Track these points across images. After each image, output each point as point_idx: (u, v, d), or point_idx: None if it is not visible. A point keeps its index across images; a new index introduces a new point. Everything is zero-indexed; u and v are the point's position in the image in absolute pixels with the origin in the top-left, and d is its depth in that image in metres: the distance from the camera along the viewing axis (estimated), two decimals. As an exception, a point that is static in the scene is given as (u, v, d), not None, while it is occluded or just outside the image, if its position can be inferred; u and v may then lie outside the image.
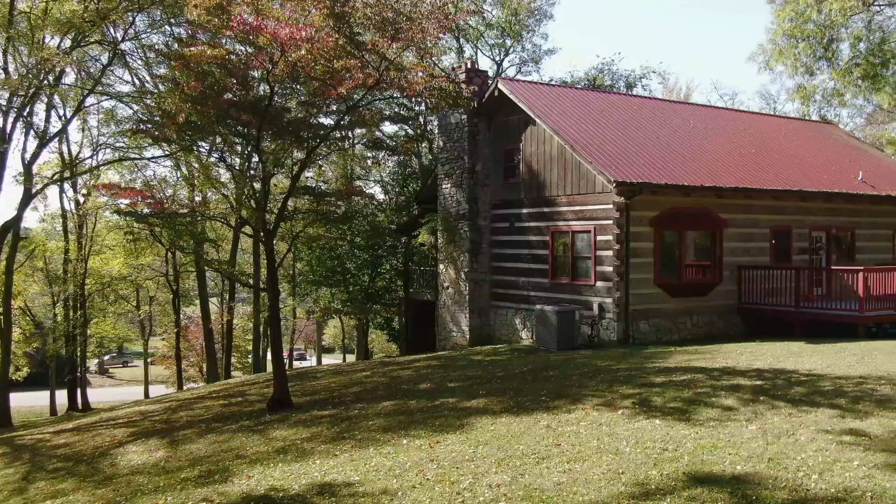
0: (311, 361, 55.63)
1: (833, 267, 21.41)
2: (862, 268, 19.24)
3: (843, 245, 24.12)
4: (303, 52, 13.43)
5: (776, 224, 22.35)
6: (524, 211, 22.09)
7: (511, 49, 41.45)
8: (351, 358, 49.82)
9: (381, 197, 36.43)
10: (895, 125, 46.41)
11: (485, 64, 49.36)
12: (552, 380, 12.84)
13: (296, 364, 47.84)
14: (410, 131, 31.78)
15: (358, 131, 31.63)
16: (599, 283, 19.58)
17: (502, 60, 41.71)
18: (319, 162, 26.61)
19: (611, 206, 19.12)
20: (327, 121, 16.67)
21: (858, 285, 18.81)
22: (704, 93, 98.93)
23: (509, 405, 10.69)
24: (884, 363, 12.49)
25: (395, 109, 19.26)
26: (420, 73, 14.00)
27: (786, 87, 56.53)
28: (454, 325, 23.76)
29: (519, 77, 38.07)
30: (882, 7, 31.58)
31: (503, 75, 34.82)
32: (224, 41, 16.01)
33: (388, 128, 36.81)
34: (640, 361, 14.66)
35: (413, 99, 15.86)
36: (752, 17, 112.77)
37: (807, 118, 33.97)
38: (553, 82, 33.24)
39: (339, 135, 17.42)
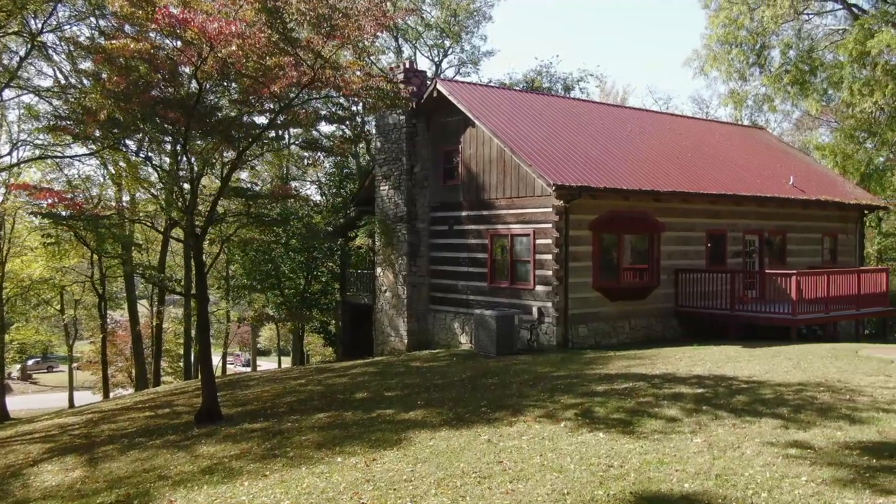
0: (260, 366, 54.10)
1: (767, 271, 21.72)
2: (795, 272, 19.53)
3: (775, 248, 24.55)
4: (233, 47, 12.82)
5: (712, 227, 22.59)
6: (463, 213, 21.79)
7: (450, 50, 41.21)
8: (287, 361, 48.84)
9: (317, 198, 35.74)
10: (821, 131, 47.84)
11: (423, 65, 48.98)
12: (492, 388, 12.53)
13: (242, 370, 46.52)
14: (348, 132, 31.17)
15: (294, 131, 30.91)
16: (539, 287, 19.41)
17: (441, 61, 41.44)
18: (253, 162, 25.83)
19: (550, 209, 18.97)
20: (262, 120, 16.06)
21: (791, 289, 19.08)
22: (640, 97, 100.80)
23: (449, 417, 10.32)
24: (819, 369, 12.57)
25: (332, 109, 18.70)
26: (357, 73, 13.52)
27: (718, 92, 57.69)
28: (392, 329, 23.32)
29: (458, 78, 37.86)
30: (810, 16, 32.39)
31: (442, 76, 34.53)
32: (153, 35, 15.25)
33: (325, 128, 36.16)
34: (579, 368, 14.47)
35: (350, 99, 15.33)
36: (688, 22, 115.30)
37: (739, 123, 34.62)
38: (492, 84, 33.05)
39: (272, 134, 16.76)
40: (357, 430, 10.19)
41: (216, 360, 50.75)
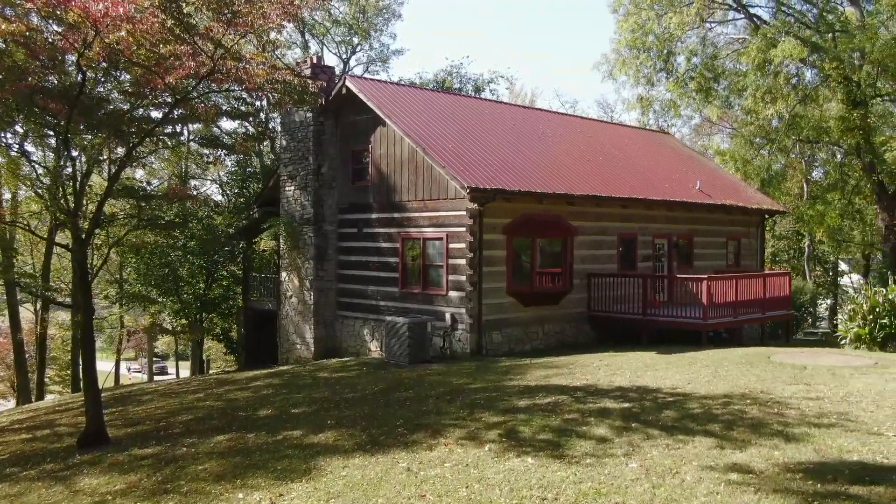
0: (172, 375, 51.12)
1: (679, 275, 21.81)
2: (706, 276, 19.62)
3: (683, 252, 24.79)
4: (122, 33, 11.63)
5: (623, 231, 22.56)
6: (373, 216, 20.96)
7: (358, 47, 40.25)
8: (186, 367, 46.61)
9: (218, 198, 34.09)
10: (717, 138, 49.29)
11: (331, 62, 47.69)
12: (407, 404, 11.78)
13: (156, 378, 43.65)
14: (251, 129, 29.74)
15: (195, 127, 29.26)
16: (452, 293, 18.79)
17: (349, 59, 40.43)
18: (147, 159, 24.18)
19: (464, 212, 18.39)
20: (158, 114, 14.78)
21: (703, 293, 19.14)
22: (547, 100, 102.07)
23: (362, 440, 9.50)
24: (739, 378, 12.40)
25: (234, 104, 17.57)
26: (261, 65, 12.50)
27: (622, 97, 58.90)
28: (298, 336, 22.24)
29: (367, 77, 36.88)
30: (714, 25, 33.08)
31: (350, 74, 33.51)
32: (34, 18, 13.77)
33: (228, 124, 34.54)
34: (497, 378, 13.90)
35: (254, 93, 14.30)
36: (595, 26, 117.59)
37: (647, 127, 35.05)
38: (403, 83, 32.31)
39: (169, 130, 15.49)
40: (261, 458, 9.24)
41: (110, 367, 47.99)
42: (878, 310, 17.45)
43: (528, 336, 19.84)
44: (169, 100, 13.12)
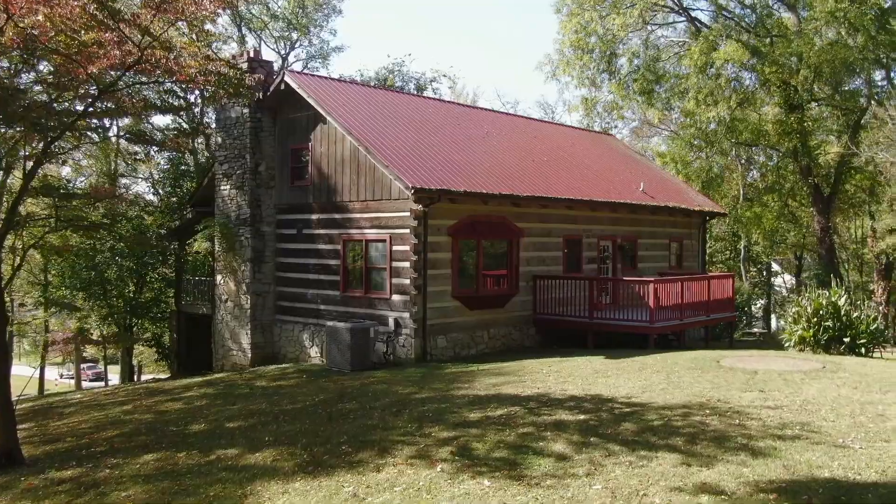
0: (113, 379, 48.17)
1: (626, 278, 21.60)
2: (653, 279, 19.45)
3: (627, 253, 24.66)
4: (39, 17, 10.68)
5: (568, 233, 22.27)
6: (314, 217, 20.18)
7: (297, 43, 39.23)
8: (116, 373, 44.71)
9: (150, 197, 32.69)
10: (655, 140, 49.78)
11: (269, 58, 46.49)
12: (351, 417, 11.12)
13: (90, 385, 41.27)
14: (184, 124, 28.52)
15: (128, 122, 27.89)
16: (396, 297, 18.17)
17: (288, 55, 39.37)
18: (73, 156, 22.86)
19: (408, 213, 17.79)
20: (81, 107, 13.76)
21: (649, 296, 18.95)
22: (489, 100, 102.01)
23: (304, 461, 8.81)
24: (693, 385, 12.12)
25: (165, 98, 16.57)
26: (194, 55, 11.66)
27: (563, 98, 59.02)
28: (234, 342, 21.29)
29: (307, 72, 35.90)
30: (655, 27, 33.22)
31: (290, 69, 32.49)
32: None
33: (163, 120, 33.19)
34: (444, 387, 13.34)
35: (186, 86, 13.42)
36: (538, 26, 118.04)
37: (590, 129, 35.00)
38: (344, 79, 31.48)
39: (94, 124, 14.46)
40: (192, 482, 8.47)
41: (37, 372, 45.68)
42: (821, 312, 17.50)
43: (474, 340, 19.36)
44: (93, 91, 12.16)
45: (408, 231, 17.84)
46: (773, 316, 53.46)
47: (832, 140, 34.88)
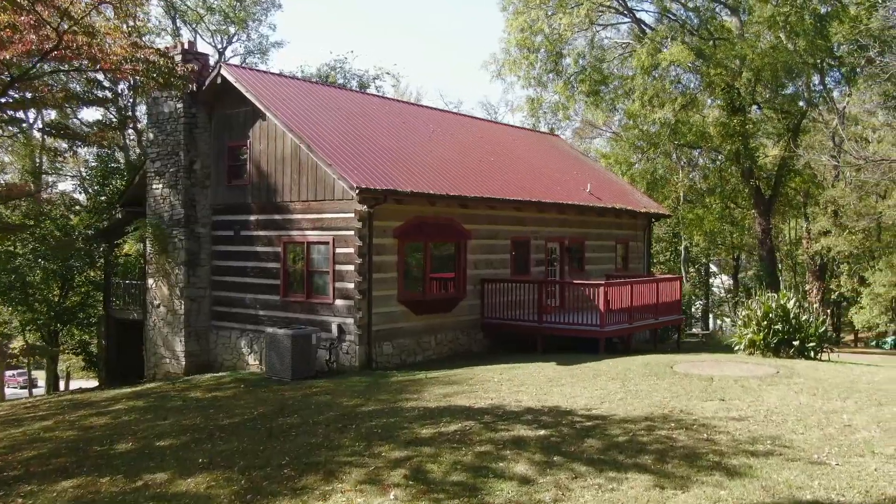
0: (41, 388, 45.34)
1: (575, 281, 21.20)
2: (603, 282, 19.09)
3: (574, 255, 24.34)
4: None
5: (516, 235, 21.80)
6: (252, 218, 19.22)
7: (235, 37, 37.94)
8: (41, 381, 42.57)
9: (79, 196, 31.06)
10: (600, 140, 49.95)
11: (205, 52, 44.98)
12: (293, 434, 10.32)
13: (20, 394, 38.78)
14: (113, 117, 27.06)
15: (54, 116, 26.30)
16: (339, 302, 17.37)
17: (225, 49, 38.09)
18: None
19: (352, 214, 17.02)
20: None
21: (599, 300, 18.57)
22: (431, 99, 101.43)
23: (242, 487, 8.00)
24: (651, 394, 11.69)
25: (91, 89, 15.40)
26: (120, 41, 10.70)
27: (506, 99, 58.80)
28: (167, 349, 20.16)
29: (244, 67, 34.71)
30: (600, 28, 33.08)
31: (227, 62, 31.26)
32: None
33: (95, 114, 31.55)
34: (392, 398, 12.64)
35: (112, 75, 12.40)
36: (480, 19, 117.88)
37: (535, 129, 34.67)
38: (285, 74, 30.44)
39: (6, 115, 13.30)
40: (115, 514, 7.59)
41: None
42: (771, 315, 17.38)
43: (421, 346, 18.69)
44: (6, 78, 11.09)
45: (352, 233, 17.08)
46: (710, 316, 54.33)
47: (772, 143, 35.35)
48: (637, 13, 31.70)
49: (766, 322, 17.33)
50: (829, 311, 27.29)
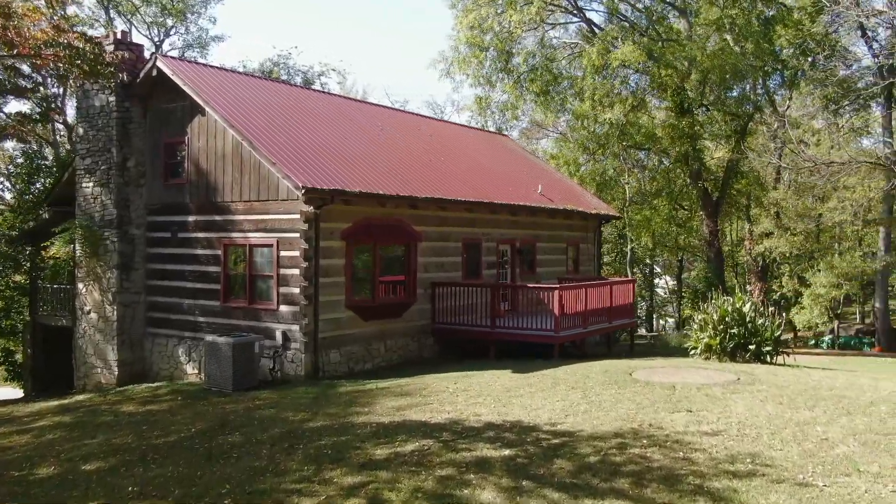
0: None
1: (529, 285, 20.67)
2: (557, 286, 18.60)
3: (526, 258, 23.85)
4: None
5: (468, 237, 21.20)
6: (190, 219, 18.18)
7: (173, 30, 36.46)
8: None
9: (2, 195, 29.34)
10: (547, 141, 49.80)
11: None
12: (235, 456, 9.47)
13: None
14: (37, 109, 25.48)
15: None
16: (284, 308, 16.49)
17: (162, 42, 36.59)
18: None
19: (297, 215, 16.16)
20: None
21: (553, 304, 18.07)
22: (377, 98, 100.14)
23: (177, 522, 7.16)
24: (614, 404, 11.18)
25: (10, 77, 14.18)
26: (41, 25, 9.69)
27: (452, 99, 58.35)
28: (98, 358, 18.96)
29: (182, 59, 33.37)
30: (550, 27, 32.74)
31: (163, 53, 29.94)
32: None
33: (16, 105, 29.77)
34: (342, 411, 11.87)
35: (33, 61, 11.31)
36: (429, 23, 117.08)
37: (485, 129, 34.14)
38: (226, 68, 29.25)
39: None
40: (29, 558, 6.67)
41: None
42: (727, 319, 17.11)
43: (370, 353, 17.92)
44: None
45: (297, 235, 16.22)
46: (654, 317, 54.74)
47: (715, 145, 35.57)
48: (587, 12, 31.53)
49: (722, 326, 17.05)
50: (772, 311, 27.48)
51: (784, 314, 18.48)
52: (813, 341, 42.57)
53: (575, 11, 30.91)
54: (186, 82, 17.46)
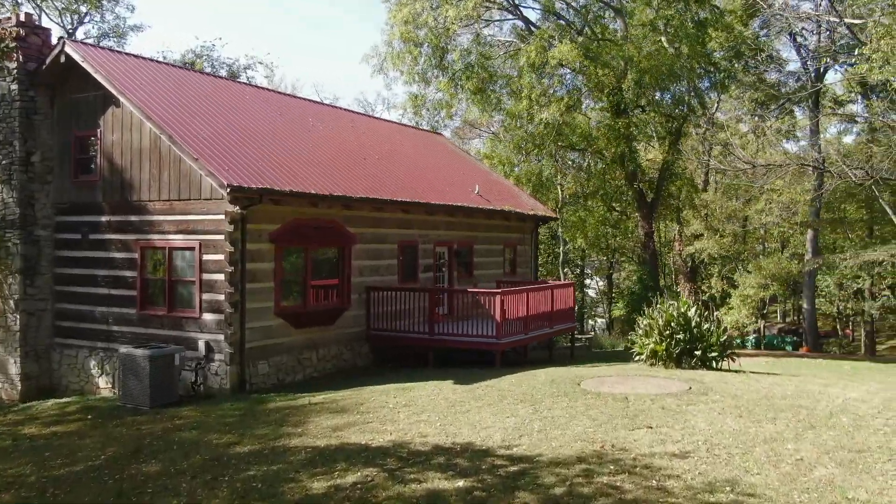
0: None
1: (470, 289, 19.84)
2: (500, 290, 17.84)
3: (463, 260, 23.07)
4: None
5: (404, 239, 20.27)
6: (104, 219, 16.71)
7: (87, 17, 34.33)
8: None
9: None
10: (479, 140, 49.28)
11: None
12: (151, 490, 8.32)
13: None
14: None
15: None
16: (207, 316, 15.23)
17: (75, 30, 34.44)
18: None
19: (222, 216, 14.94)
20: None
21: (496, 309, 17.31)
22: (308, 94, 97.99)
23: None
24: (569, 420, 10.44)
25: None
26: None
27: (384, 96, 57.24)
28: (-1, 372, 17.28)
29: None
30: (484, 24, 32.06)
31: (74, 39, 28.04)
32: None
33: None
34: (272, 432, 10.78)
35: None
36: (359, 18, 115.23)
37: (419, 127, 33.22)
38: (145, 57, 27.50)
39: None
40: None
41: None
42: (672, 324, 16.67)
43: (301, 364, 16.80)
44: None
45: (222, 237, 14.99)
46: (584, 318, 54.87)
47: (645, 146, 35.60)
48: (523, 10, 30.99)
49: (668, 331, 16.59)
50: (717, 316, 27.67)
51: (715, 315, 18.16)
52: (739, 340, 43.27)
53: (511, 8, 30.31)
54: (98, 70, 15.99)
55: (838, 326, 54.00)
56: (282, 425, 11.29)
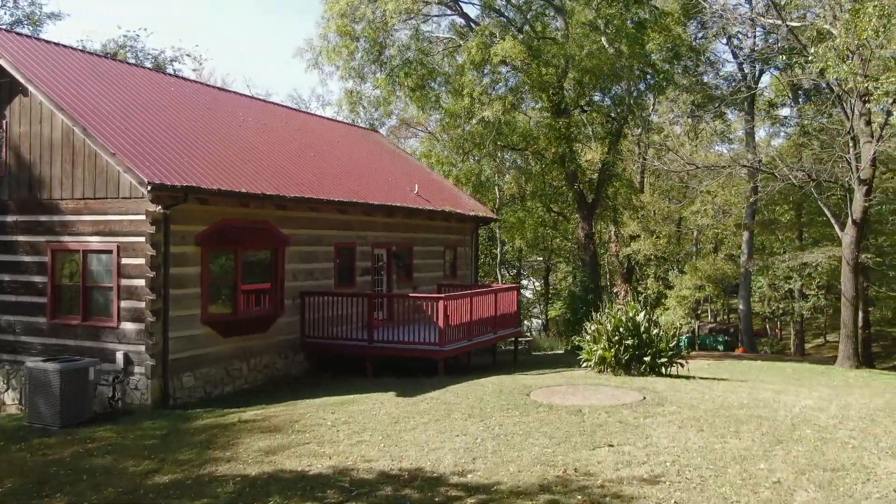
0: None
1: (412, 294, 18.98)
2: (443, 295, 17.06)
3: (402, 262, 22.17)
4: None
5: (341, 241, 19.28)
6: (9, 219, 15.24)
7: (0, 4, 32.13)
8: None
9: None
10: (416, 140, 48.41)
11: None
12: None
13: None
14: None
15: None
16: (126, 325, 13.98)
17: (-16, 17, 32.10)
18: None
19: (143, 217, 13.72)
20: None
21: (439, 315, 16.49)
22: (238, 89, 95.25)
23: None
24: (525, 438, 9.69)
25: None
26: None
27: (318, 92, 55.77)
28: None
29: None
30: (422, 20, 31.22)
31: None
32: None
33: None
34: (196, 457, 9.71)
35: None
36: (294, 12, 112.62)
37: (355, 124, 32.15)
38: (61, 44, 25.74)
39: None
40: None
41: None
42: (621, 329, 16.15)
43: (230, 375, 15.65)
44: None
45: (143, 239, 13.77)
46: (520, 318, 54.54)
47: (590, 148, 35.30)
48: (462, 5, 30.29)
49: (617, 337, 16.06)
50: (666, 322, 27.46)
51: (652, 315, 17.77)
52: (673, 342, 43.56)
53: (450, 3, 29.54)
54: (3, 55, 14.54)
55: (768, 326, 55.06)
56: (208, 448, 10.22)
